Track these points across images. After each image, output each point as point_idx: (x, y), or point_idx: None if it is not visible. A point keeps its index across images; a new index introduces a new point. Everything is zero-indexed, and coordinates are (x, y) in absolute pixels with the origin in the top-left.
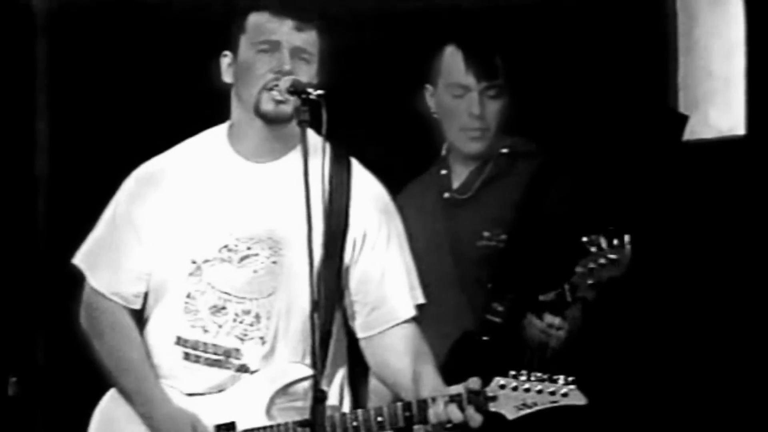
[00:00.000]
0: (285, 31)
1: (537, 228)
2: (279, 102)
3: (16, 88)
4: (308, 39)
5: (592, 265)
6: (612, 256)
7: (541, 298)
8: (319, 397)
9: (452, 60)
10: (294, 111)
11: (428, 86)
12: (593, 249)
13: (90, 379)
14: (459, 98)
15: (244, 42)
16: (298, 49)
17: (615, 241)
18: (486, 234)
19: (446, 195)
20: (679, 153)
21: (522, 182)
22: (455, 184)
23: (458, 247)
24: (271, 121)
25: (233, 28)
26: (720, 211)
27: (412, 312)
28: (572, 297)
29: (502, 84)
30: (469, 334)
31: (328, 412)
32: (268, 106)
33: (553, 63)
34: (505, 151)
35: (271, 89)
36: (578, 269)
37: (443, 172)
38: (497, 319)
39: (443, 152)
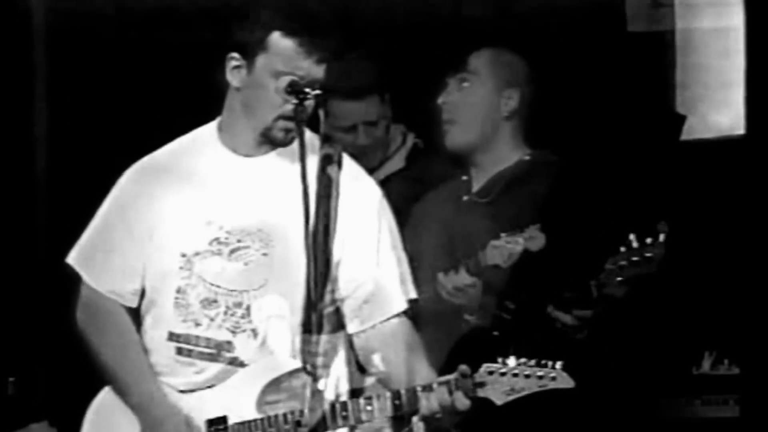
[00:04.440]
0: (307, 66)
1: (557, 230)
2: (289, 131)
3: (15, 86)
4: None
5: (623, 263)
6: (646, 254)
7: (567, 294)
8: (313, 390)
9: None
10: (293, 110)
11: None
12: (623, 248)
13: (88, 379)
14: None
15: (262, 61)
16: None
17: (648, 240)
18: (503, 235)
19: (465, 198)
20: (676, 153)
21: (539, 190)
22: (475, 188)
23: (474, 247)
24: (276, 145)
25: (249, 37)
26: (719, 211)
27: (403, 305)
28: (598, 293)
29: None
30: (478, 329)
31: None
32: (278, 134)
33: (551, 64)
34: (527, 158)
35: (287, 118)
36: (608, 266)
37: (464, 177)
38: (508, 316)
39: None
